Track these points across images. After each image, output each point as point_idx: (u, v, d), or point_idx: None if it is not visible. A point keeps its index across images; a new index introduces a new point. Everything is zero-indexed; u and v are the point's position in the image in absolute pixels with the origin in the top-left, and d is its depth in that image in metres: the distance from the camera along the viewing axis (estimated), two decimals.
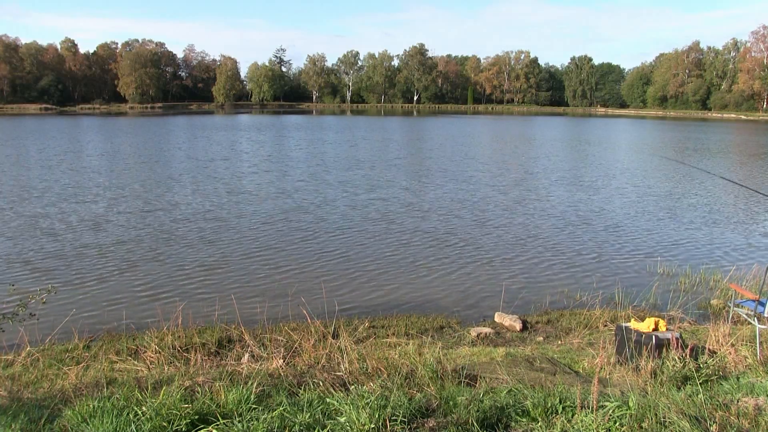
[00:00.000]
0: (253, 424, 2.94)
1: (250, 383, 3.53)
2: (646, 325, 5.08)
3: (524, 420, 3.13)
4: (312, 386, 3.75)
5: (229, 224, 13.51)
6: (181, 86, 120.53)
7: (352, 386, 3.69)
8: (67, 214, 14.43)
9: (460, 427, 3.00)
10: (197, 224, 13.46)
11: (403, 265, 10.40)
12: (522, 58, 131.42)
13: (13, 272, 9.69)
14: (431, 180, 21.31)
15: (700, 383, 4.06)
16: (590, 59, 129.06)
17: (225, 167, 24.32)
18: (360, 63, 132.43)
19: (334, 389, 3.63)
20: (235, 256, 10.83)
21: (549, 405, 3.22)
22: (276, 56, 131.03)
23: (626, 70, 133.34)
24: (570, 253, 11.34)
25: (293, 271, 9.98)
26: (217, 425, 2.96)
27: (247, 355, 5.22)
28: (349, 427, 2.94)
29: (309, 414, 3.08)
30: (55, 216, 14.15)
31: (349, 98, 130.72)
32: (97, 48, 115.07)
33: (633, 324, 5.19)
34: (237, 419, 3.02)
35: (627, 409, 3.12)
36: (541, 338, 6.94)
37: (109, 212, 14.72)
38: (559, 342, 6.62)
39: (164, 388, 3.43)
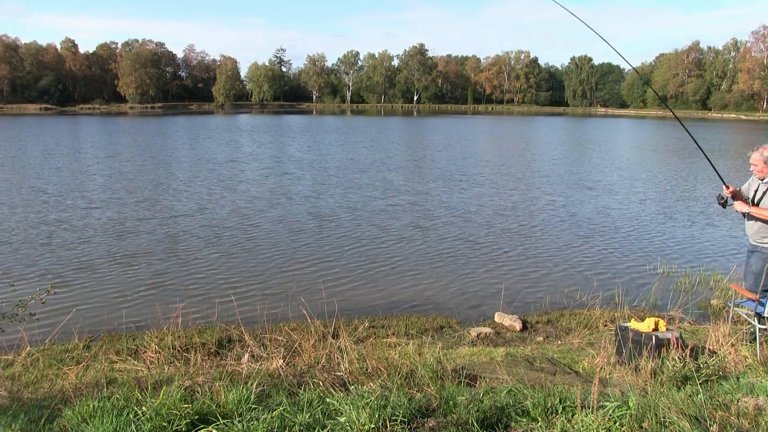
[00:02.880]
0: (253, 424, 2.94)
1: (250, 383, 3.53)
2: (646, 325, 5.08)
3: (524, 420, 3.13)
4: (312, 386, 3.75)
5: (229, 225, 13.51)
6: (181, 86, 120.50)
7: (352, 386, 3.69)
8: (68, 215, 14.44)
9: (460, 427, 3.00)
10: (198, 225, 13.46)
11: (403, 265, 10.40)
12: (522, 58, 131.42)
13: (13, 272, 9.68)
14: (434, 181, 21.31)
15: (700, 383, 4.06)
16: (590, 59, 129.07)
17: (231, 169, 24.32)
18: (360, 63, 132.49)
19: (334, 389, 3.63)
20: (235, 257, 10.82)
21: (549, 405, 3.21)
22: (276, 56, 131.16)
23: (626, 70, 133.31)
24: (570, 253, 11.34)
25: (293, 271, 9.98)
26: (217, 425, 2.96)
27: (247, 355, 5.22)
28: (349, 427, 2.94)
29: (309, 414, 3.08)
30: (56, 216, 14.15)
31: (349, 98, 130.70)
32: (97, 48, 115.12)
33: (633, 324, 5.18)
34: (237, 419, 3.02)
35: (627, 409, 3.12)
36: (541, 338, 6.94)
37: (109, 213, 14.72)
38: (559, 342, 6.62)
39: (164, 388, 3.43)
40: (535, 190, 19.33)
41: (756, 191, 5.54)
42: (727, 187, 5.53)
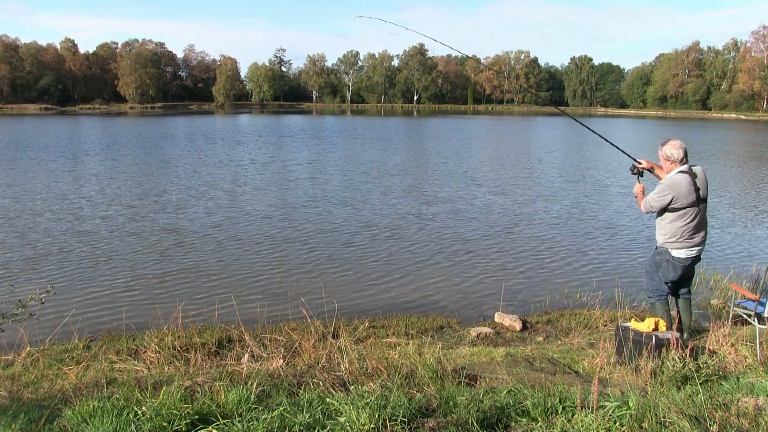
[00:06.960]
0: (253, 424, 2.93)
1: (250, 383, 3.52)
2: (646, 325, 5.07)
3: (524, 420, 3.13)
4: (312, 386, 3.75)
5: (228, 225, 13.50)
6: (181, 86, 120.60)
7: (352, 386, 3.68)
8: (69, 215, 14.43)
9: (460, 427, 2.99)
10: (197, 225, 13.46)
11: (403, 265, 10.39)
12: (522, 58, 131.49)
13: (12, 272, 9.68)
14: (439, 183, 21.31)
15: (700, 383, 4.06)
16: (590, 59, 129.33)
17: (239, 172, 24.31)
18: (360, 63, 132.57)
19: (334, 389, 3.63)
20: (235, 256, 10.82)
21: (549, 405, 3.21)
22: (276, 56, 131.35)
23: (626, 70, 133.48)
24: (570, 253, 11.33)
25: (293, 271, 9.97)
26: (217, 425, 2.96)
27: (247, 355, 5.22)
28: (349, 427, 2.93)
29: (309, 414, 3.07)
30: (56, 217, 14.14)
31: (349, 98, 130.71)
32: (97, 48, 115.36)
33: (633, 324, 5.18)
34: (237, 419, 3.02)
35: (627, 409, 3.12)
36: (541, 338, 6.93)
37: (110, 214, 14.72)
38: (559, 342, 6.61)
39: (164, 388, 3.43)
40: (537, 191, 19.31)
41: None
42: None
